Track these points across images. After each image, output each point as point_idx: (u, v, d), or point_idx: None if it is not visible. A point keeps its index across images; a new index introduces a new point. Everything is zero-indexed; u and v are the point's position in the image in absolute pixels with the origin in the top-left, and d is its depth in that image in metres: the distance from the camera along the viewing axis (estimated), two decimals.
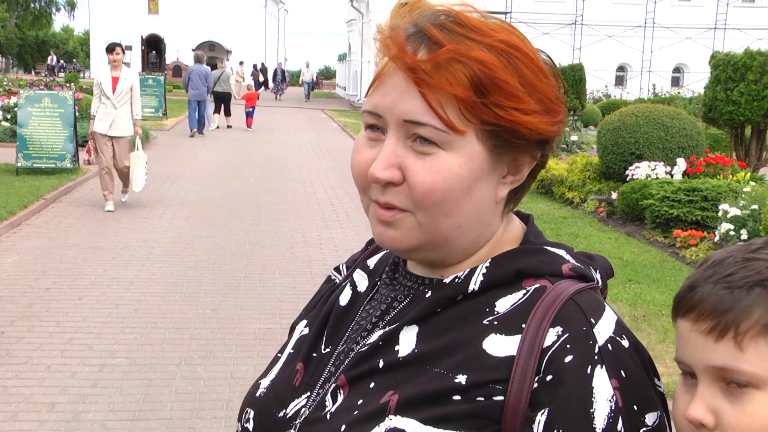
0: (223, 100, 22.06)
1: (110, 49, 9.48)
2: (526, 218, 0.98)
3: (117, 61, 9.36)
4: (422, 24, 0.83)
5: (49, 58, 57.24)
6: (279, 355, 1.04)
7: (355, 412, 0.85)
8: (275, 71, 42.34)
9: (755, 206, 7.12)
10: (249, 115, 22.54)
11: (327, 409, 0.89)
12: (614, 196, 9.78)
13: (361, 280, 1.03)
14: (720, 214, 7.36)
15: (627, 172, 9.83)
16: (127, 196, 10.04)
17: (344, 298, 1.02)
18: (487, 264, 0.89)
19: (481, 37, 0.82)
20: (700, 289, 0.81)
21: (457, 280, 0.90)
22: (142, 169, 9.63)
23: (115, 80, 9.33)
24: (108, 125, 9.29)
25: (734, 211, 7.13)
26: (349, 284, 1.04)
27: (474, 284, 0.88)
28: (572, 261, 0.90)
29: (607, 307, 0.86)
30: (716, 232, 7.36)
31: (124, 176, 9.73)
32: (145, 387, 4.40)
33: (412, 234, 0.86)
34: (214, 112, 22.04)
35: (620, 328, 0.84)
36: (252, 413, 0.97)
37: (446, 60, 0.81)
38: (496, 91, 0.82)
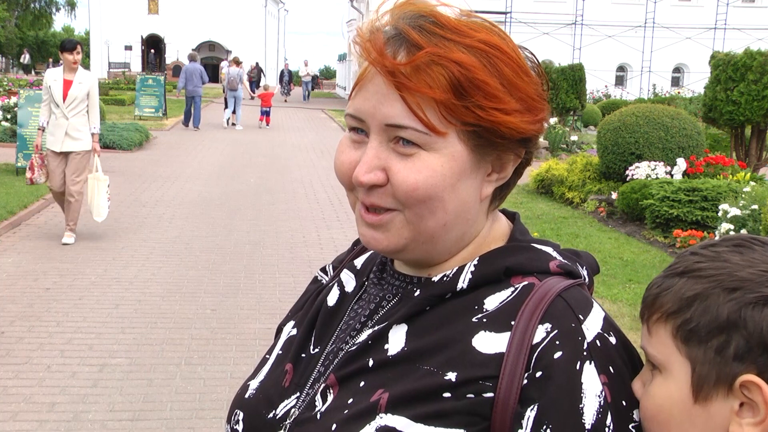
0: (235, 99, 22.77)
1: (69, 47, 7.51)
2: (512, 216, 0.98)
3: (77, 62, 7.57)
4: (401, 27, 0.83)
5: (22, 56, 56.48)
6: (267, 356, 1.04)
7: (345, 411, 0.85)
8: (282, 72, 42.41)
9: (755, 206, 7.12)
10: (265, 114, 23.29)
11: (317, 409, 0.89)
12: (614, 196, 9.78)
13: (349, 280, 1.03)
14: (720, 214, 7.36)
15: (627, 172, 9.83)
16: (72, 239, 7.69)
17: (332, 298, 1.02)
18: (476, 262, 0.90)
19: (460, 38, 0.82)
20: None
21: (445, 278, 0.90)
22: (104, 194, 7.70)
23: (67, 84, 7.49)
24: (60, 141, 7.52)
25: (734, 211, 7.13)
26: (336, 284, 1.04)
27: (462, 282, 0.88)
28: (559, 258, 0.90)
29: (595, 304, 0.86)
30: (716, 232, 7.35)
31: (69, 206, 7.68)
32: (145, 387, 4.40)
33: (400, 234, 0.87)
34: (233, 111, 22.75)
35: (608, 325, 0.85)
36: (241, 415, 0.97)
37: (425, 63, 0.81)
38: (475, 92, 0.82)
